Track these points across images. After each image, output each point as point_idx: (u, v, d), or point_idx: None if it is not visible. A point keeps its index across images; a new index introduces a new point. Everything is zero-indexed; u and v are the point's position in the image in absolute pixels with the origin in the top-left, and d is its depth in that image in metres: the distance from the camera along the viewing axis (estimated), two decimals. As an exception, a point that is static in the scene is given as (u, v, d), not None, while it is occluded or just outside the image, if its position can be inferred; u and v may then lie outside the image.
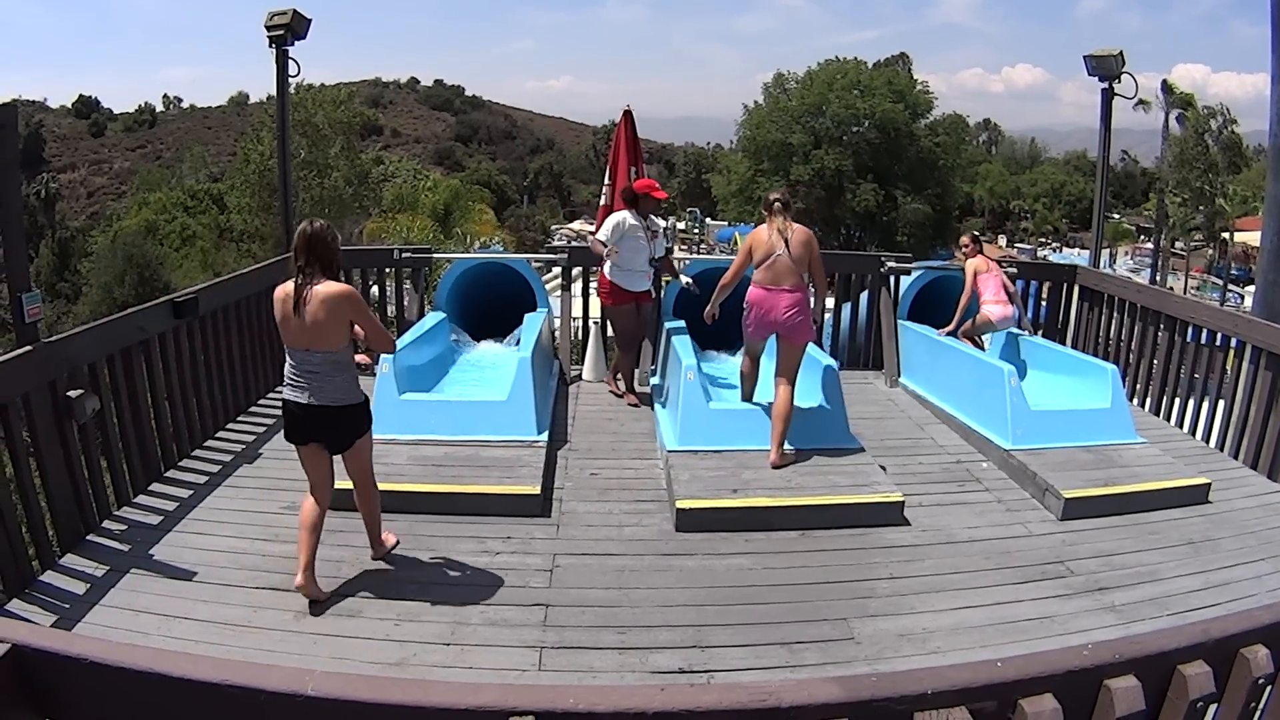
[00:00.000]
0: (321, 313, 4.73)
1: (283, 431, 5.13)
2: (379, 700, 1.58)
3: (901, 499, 6.09)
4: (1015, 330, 8.98)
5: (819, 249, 6.88)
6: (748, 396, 7.39)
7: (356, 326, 4.97)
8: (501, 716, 1.54)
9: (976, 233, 9.39)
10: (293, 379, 4.92)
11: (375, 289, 10.35)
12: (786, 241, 6.67)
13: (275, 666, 1.68)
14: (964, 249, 9.10)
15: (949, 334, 8.82)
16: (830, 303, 10.57)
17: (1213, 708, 2.01)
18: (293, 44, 9.16)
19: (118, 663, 1.65)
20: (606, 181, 9.96)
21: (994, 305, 8.57)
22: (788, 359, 6.79)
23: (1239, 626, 2.03)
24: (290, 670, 1.64)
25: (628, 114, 9.85)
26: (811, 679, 1.66)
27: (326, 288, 4.76)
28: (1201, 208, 49.32)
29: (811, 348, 7.31)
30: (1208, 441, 7.91)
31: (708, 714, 1.56)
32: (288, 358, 4.93)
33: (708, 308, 7.36)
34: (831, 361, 7.24)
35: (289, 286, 4.81)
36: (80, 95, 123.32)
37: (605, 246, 8.09)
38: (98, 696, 1.70)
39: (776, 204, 6.82)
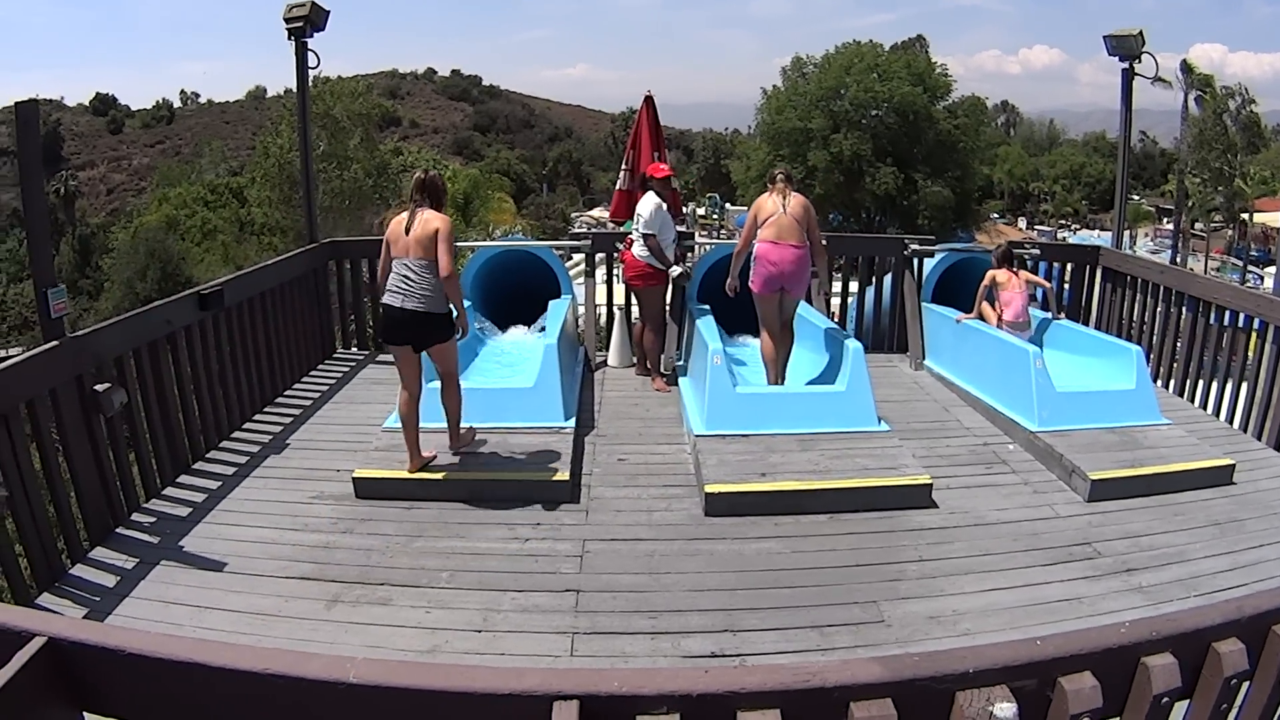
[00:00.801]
0: (422, 230, 5.83)
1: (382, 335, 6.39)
2: (422, 686, 1.57)
3: (930, 481, 6.08)
4: (1040, 312, 8.95)
5: (815, 216, 7.66)
6: (774, 380, 7.64)
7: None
8: (545, 701, 1.53)
9: (1010, 249, 9.19)
10: (393, 287, 5.93)
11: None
12: (785, 206, 7.43)
13: (316, 655, 1.66)
14: (994, 260, 8.99)
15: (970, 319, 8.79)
16: (854, 286, 10.57)
17: (1245, 684, 2.01)
18: (311, 36, 9.16)
19: (155, 653, 1.63)
20: (624, 166, 9.95)
21: (1010, 328, 8.49)
22: (787, 310, 7.72)
23: (1272, 603, 2.01)
24: (332, 658, 1.62)
25: (649, 99, 9.83)
26: (854, 659, 1.66)
27: (431, 213, 5.90)
28: (1220, 188, 48.93)
29: (837, 330, 7.83)
30: (1231, 423, 7.85)
31: (752, 695, 1.56)
32: (393, 269, 5.95)
33: (728, 280, 7.86)
34: (858, 344, 7.21)
35: (402, 215, 5.97)
36: (97, 93, 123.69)
37: (655, 236, 8.28)
38: (135, 688, 1.69)
39: (779, 177, 7.68)
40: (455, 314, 6.14)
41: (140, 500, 6.10)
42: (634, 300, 9.23)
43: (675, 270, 8.45)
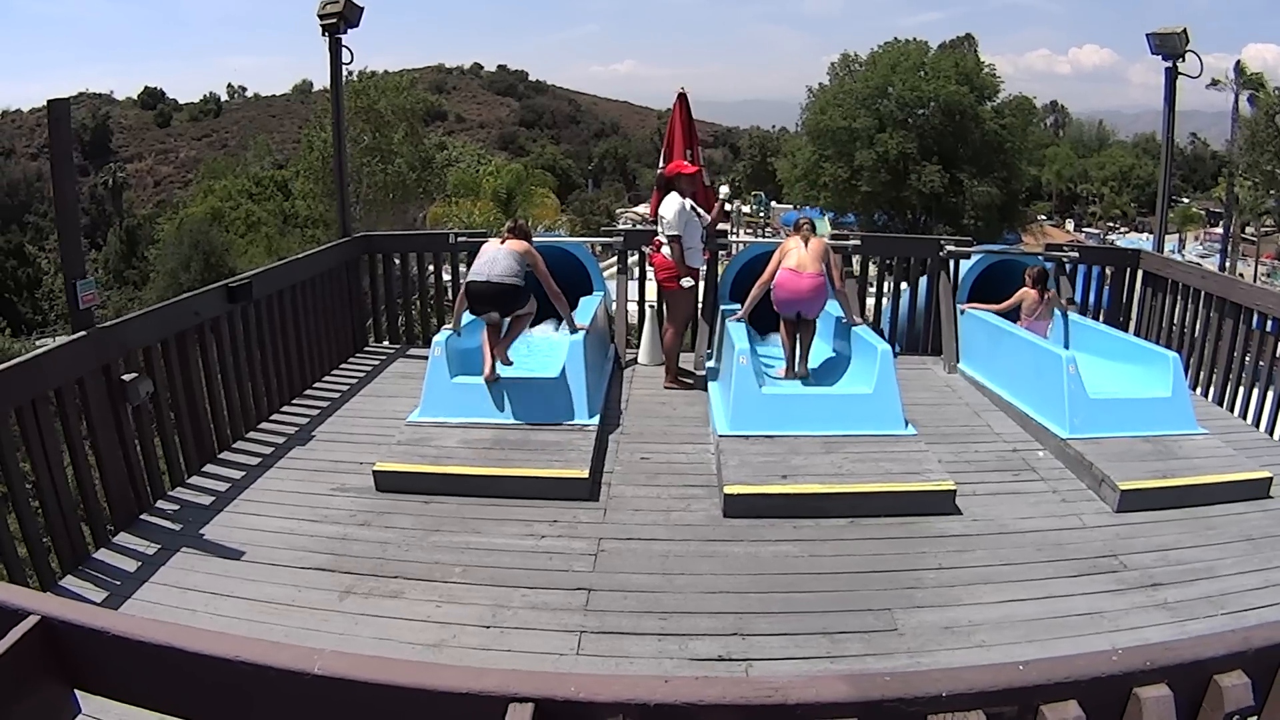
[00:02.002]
0: (510, 247, 7.23)
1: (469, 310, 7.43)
2: (384, 681, 1.59)
3: (953, 488, 5.98)
4: (1076, 316, 8.84)
5: (835, 255, 8.32)
6: (789, 358, 8.03)
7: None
8: (501, 702, 1.53)
9: (1044, 272, 9.10)
10: (479, 269, 7.16)
11: (431, 273, 10.39)
12: (806, 244, 7.99)
13: (286, 645, 1.70)
14: (1027, 278, 8.92)
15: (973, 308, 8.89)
16: (888, 286, 10.49)
17: None
18: (345, 32, 9.23)
19: (137, 636, 1.68)
20: (661, 165, 9.92)
21: None
22: (805, 328, 8.08)
23: None
24: (299, 649, 1.65)
25: (682, 96, 9.78)
26: (821, 676, 1.61)
27: (520, 239, 7.39)
28: (1273, 192, 47.90)
29: (866, 332, 7.84)
30: (1271, 433, 7.64)
31: (710, 708, 1.52)
32: (479, 256, 7.29)
33: (739, 312, 8.29)
34: (887, 347, 7.14)
35: (496, 240, 7.45)
36: (146, 87, 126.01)
37: (680, 237, 8.26)
38: (120, 669, 1.73)
39: (803, 225, 8.33)
40: (564, 319, 7.83)
41: (166, 488, 6.18)
42: (663, 300, 9.19)
43: (687, 283, 8.44)
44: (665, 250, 8.30)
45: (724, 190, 9.03)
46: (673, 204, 8.25)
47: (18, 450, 4.98)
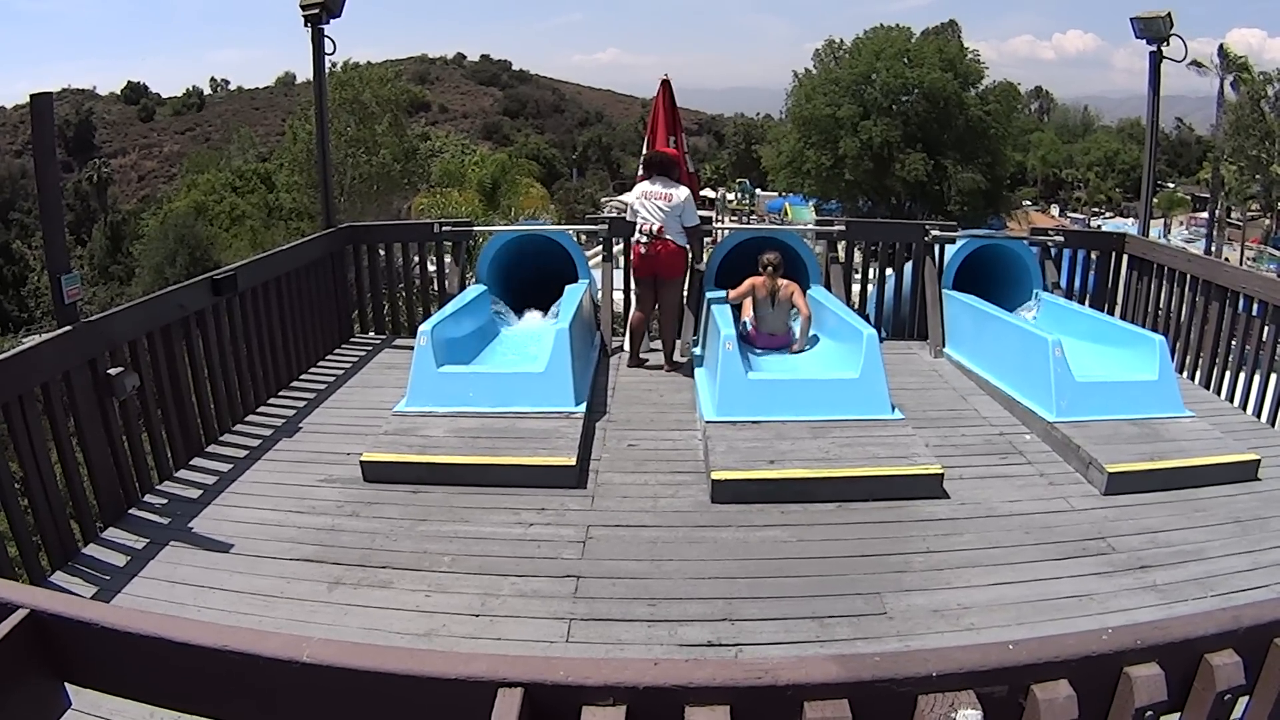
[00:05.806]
0: None
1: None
2: (372, 668, 1.59)
3: (941, 471, 5.98)
4: (1061, 300, 8.84)
5: (801, 298, 8.46)
6: None
7: None
8: (490, 687, 1.53)
9: (779, 259, 9.19)
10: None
11: (416, 263, 10.36)
12: (774, 301, 8.36)
13: (274, 633, 1.71)
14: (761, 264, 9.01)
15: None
16: (874, 272, 10.50)
17: (1243, 700, 1.91)
18: (328, 22, 9.18)
19: (125, 627, 1.68)
20: (644, 151, 9.90)
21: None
22: None
23: (1274, 614, 1.89)
24: (287, 637, 1.66)
25: (666, 83, 9.77)
26: (811, 657, 1.61)
27: None
28: (1258, 176, 47.96)
29: (852, 316, 7.87)
30: (1259, 416, 7.64)
31: (701, 690, 1.53)
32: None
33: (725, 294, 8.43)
34: (872, 331, 7.13)
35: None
36: (129, 82, 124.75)
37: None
38: (109, 660, 1.73)
39: (769, 264, 8.40)
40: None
41: (153, 482, 6.14)
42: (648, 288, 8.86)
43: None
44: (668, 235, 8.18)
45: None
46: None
47: (6, 448, 4.96)
